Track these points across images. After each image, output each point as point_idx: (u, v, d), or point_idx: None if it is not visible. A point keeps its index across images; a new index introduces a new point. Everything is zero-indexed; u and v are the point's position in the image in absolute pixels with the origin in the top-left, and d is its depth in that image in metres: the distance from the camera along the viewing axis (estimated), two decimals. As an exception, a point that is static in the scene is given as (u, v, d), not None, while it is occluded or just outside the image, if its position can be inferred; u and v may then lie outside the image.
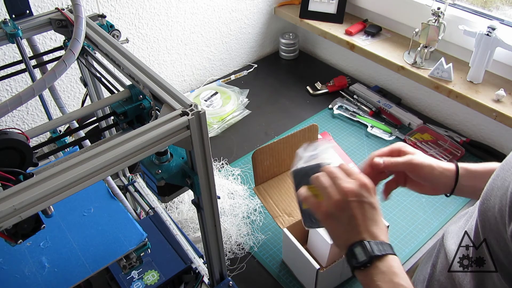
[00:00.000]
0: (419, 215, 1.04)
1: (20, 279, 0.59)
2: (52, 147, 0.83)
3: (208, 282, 0.73)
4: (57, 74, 0.55)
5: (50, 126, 0.54)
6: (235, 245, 0.98)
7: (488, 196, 0.49)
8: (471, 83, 1.16)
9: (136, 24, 1.26)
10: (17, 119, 1.17)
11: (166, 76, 1.45)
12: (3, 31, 0.64)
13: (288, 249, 0.92)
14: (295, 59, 1.66)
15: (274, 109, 1.41)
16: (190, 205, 1.04)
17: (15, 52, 1.07)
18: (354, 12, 1.50)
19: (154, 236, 0.78)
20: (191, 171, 0.54)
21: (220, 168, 1.18)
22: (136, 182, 0.97)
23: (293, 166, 0.66)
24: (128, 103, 0.57)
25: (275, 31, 1.69)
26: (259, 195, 0.95)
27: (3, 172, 0.43)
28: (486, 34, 1.07)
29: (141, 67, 0.57)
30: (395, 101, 1.38)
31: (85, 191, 0.46)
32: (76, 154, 0.45)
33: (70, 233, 0.64)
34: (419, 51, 1.23)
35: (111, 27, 0.72)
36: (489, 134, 1.24)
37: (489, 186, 0.51)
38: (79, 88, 1.24)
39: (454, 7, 1.21)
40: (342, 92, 1.43)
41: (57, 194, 0.41)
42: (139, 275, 0.72)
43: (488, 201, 0.49)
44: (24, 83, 1.11)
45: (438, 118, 1.36)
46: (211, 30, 1.47)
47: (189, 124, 0.48)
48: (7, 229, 0.42)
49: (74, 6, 0.63)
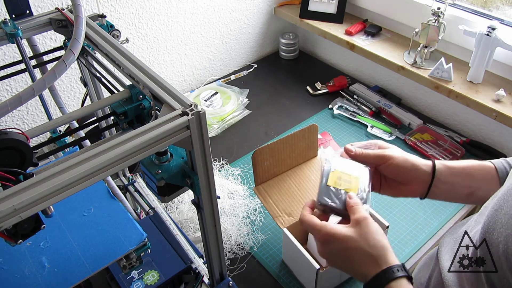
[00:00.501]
0: (419, 215, 1.04)
1: (20, 279, 0.59)
2: (52, 147, 0.83)
3: (208, 282, 0.73)
4: (57, 74, 0.55)
5: (50, 126, 0.54)
6: (235, 245, 0.98)
7: (491, 231, 0.48)
8: (471, 83, 1.16)
9: (136, 24, 1.26)
10: (17, 119, 1.17)
11: (166, 76, 1.45)
12: (3, 31, 0.64)
13: (288, 249, 0.92)
14: (295, 59, 1.66)
15: (274, 109, 1.41)
16: (190, 205, 1.04)
17: (15, 52, 1.07)
18: (354, 12, 1.50)
19: (154, 236, 0.78)
20: (191, 171, 0.54)
21: (220, 168, 1.18)
22: (136, 182, 0.97)
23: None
24: (128, 103, 0.57)
25: (275, 31, 1.69)
26: (259, 195, 0.95)
27: (3, 172, 0.42)
28: (486, 34, 1.07)
29: (141, 67, 0.57)
30: (395, 101, 1.38)
31: (85, 191, 0.45)
32: (76, 154, 0.45)
33: (70, 233, 0.64)
34: (419, 51, 1.23)
35: (111, 27, 0.72)
36: (489, 134, 1.24)
37: (491, 218, 0.49)
38: (79, 88, 1.24)
39: (454, 7, 1.21)
40: (342, 92, 1.43)
41: (57, 194, 0.41)
42: (139, 275, 0.72)
43: (490, 235, 0.48)
44: (24, 83, 1.11)
45: (438, 118, 1.36)
46: (211, 30, 1.47)
47: (189, 124, 0.48)
48: (7, 229, 0.42)
49: (74, 6, 0.63)
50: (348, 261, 0.59)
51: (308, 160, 1.02)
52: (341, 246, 0.58)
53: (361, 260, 0.57)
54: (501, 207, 0.49)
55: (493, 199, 0.55)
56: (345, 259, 0.59)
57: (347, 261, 0.59)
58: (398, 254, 0.96)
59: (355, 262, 0.58)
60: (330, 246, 0.59)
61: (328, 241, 0.59)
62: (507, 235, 0.45)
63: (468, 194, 0.66)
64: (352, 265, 0.58)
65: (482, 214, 0.56)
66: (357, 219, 0.59)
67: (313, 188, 0.96)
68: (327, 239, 0.59)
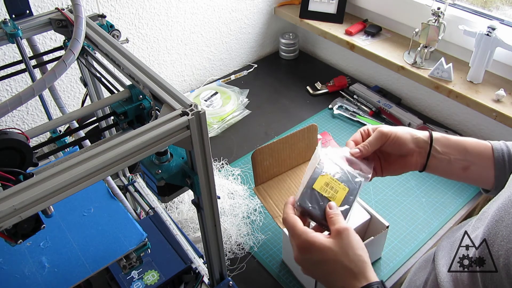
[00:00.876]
0: (419, 215, 1.04)
1: (20, 279, 0.59)
2: (52, 147, 0.83)
3: (208, 282, 0.73)
4: (57, 74, 0.55)
5: (50, 126, 0.54)
6: (235, 245, 0.98)
7: (491, 242, 0.48)
8: (471, 83, 1.16)
9: (136, 24, 1.26)
10: (17, 119, 1.17)
11: (166, 76, 1.45)
12: (3, 31, 0.64)
13: (288, 249, 0.92)
14: (295, 59, 1.66)
15: (274, 109, 1.41)
16: (190, 205, 1.04)
17: (15, 52, 1.07)
18: (354, 12, 1.50)
19: (154, 236, 0.78)
20: (191, 171, 0.54)
21: (220, 168, 1.18)
22: (136, 182, 0.97)
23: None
24: (128, 103, 0.57)
25: (275, 31, 1.69)
26: (259, 195, 0.95)
27: (3, 172, 0.42)
28: (486, 34, 1.07)
29: (141, 67, 0.57)
30: (395, 101, 1.38)
31: (85, 191, 0.46)
32: (76, 154, 0.45)
33: (70, 233, 0.64)
34: (419, 51, 1.23)
35: (111, 27, 0.72)
36: (489, 134, 1.24)
37: (492, 229, 0.49)
38: (79, 88, 1.24)
39: (454, 7, 1.21)
40: (342, 92, 1.43)
41: (57, 194, 0.41)
42: (139, 275, 0.72)
43: (491, 247, 0.48)
44: (24, 83, 1.11)
45: (438, 118, 1.36)
46: (211, 30, 1.47)
47: (189, 124, 0.48)
48: (7, 229, 0.42)
49: (74, 6, 0.63)
50: (327, 273, 0.57)
51: (308, 160, 1.02)
52: (319, 257, 0.57)
53: (339, 274, 0.56)
54: (502, 219, 0.48)
55: (492, 204, 0.54)
56: (323, 270, 0.57)
57: (325, 273, 0.57)
58: (398, 254, 0.96)
59: (333, 274, 0.56)
60: (308, 255, 0.58)
61: (306, 249, 0.58)
62: (508, 249, 0.45)
63: (464, 169, 0.66)
64: (329, 278, 0.57)
65: (481, 220, 0.55)
66: (337, 229, 0.58)
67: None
68: (306, 246, 0.58)
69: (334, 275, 0.56)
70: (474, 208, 1.08)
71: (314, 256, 0.57)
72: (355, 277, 0.55)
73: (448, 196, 1.08)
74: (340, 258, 0.56)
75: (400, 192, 1.10)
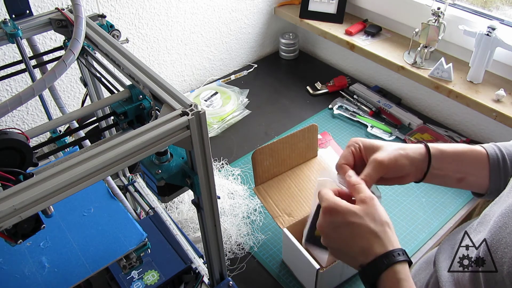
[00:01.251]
0: (419, 215, 1.04)
1: (20, 279, 0.59)
2: (52, 147, 0.83)
3: (208, 282, 0.73)
4: (57, 74, 0.55)
5: (50, 126, 0.54)
6: (235, 245, 0.98)
7: (494, 249, 0.47)
8: (471, 83, 1.16)
9: (136, 24, 1.26)
10: (17, 119, 1.17)
11: (166, 76, 1.45)
12: (3, 31, 0.64)
13: (288, 249, 0.92)
14: (295, 59, 1.66)
15: (274, 109, 1.41)
16: (190, 205, 1.04)
17: (15, 52, 1.07)
18: (354, 12, 1.50)
19: (154, 236, 0.78)
20: (191, 171, 0.54)
21: (220, 168, 1.18)
22: (136, 182, 0.97)
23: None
24: (128, 103, 0.57)
25: (275, 31, 1.69)
26: (259, 195, 0.95)
27: (3, 172, 0.42)
28: (486, 34, 1.07)
29: (141, 67, 0.57)
30: (395, 101, 1.38)
31: (85, 191, 0.45)
32: (76, 154, 0.45)
33: (70, 233, 0.64)
34: (419, 51, 1.23)
35: (111, 27, 0.72)
36: (489, 134, 1.24)
37: (495, 235, 0.48)
38: (79, 88, 1.24)
39: (454, 7, 1.21)
40: (342, 92, 1.43)
41: (57, 194, 0.41)
42: (139, 275, 0.72)
43: (494, 253, 0.47)
44: (24, 83, 1.11)
45: (438, 118, 1.36)
46: (211, 30, 1.47)
47: (189, 124, 0.48)
48: (7, 229, 0.42)
49: (74, 6, 0.63)
50: (350, 236, 0.54)
51: (308, 160, 1.02)
52: (343, 219, 0.55)
53: (363, 237, 0.54)
54: (505, 225, 0.47)
55: (494, 208, 0.54)
56: (345, 234, 0.55)
57: (348, 236, 0.55)
58: (398, 254, 0.96)
59: (357, 237, 0.54)
60: (333, 217, 0.56)
61: (332, 210, 0.56)
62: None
63: (459, 180, 0.65)
64: (351, 241, 0.55)
65: (483, 224, 0.55)
66: (363, 198, 0.55)
67: (313, 188, 0.96)
68: (332, 208, 0.56)
69: (357, 238, 0.54)
70: (474, 208, 1.08)
71: (338, 218, 0.55)
72: (381, 240, 0.53)
73: (448, 196, 1.08)
74: (366, 222, 0.54)
75: (400, 192, 1.10)
